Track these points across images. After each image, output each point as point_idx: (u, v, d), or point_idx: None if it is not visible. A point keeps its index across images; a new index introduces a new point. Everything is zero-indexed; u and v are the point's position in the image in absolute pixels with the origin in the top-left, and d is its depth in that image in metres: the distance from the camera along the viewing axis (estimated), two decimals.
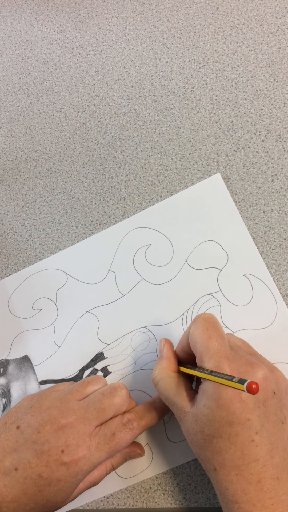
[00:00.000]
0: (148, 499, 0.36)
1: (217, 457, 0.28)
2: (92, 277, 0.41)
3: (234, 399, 0.27)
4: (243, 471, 0.27)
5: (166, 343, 0.35)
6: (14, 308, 0.42)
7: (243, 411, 0.27)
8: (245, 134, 0.42)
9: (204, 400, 0.28)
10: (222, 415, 0.27)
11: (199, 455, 0.29)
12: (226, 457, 0.27)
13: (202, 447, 0.28)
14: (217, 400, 0.27)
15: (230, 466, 0.27)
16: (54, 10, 0.49)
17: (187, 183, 0.42)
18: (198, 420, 0.28)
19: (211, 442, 0.28)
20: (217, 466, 0.28)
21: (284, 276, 0.38)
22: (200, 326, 0.30)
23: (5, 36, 0.50)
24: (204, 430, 0.28)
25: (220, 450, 0.27)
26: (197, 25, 0.45)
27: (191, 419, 0.29)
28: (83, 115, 0.46)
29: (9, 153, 0.47)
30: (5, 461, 0.30)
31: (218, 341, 0.29)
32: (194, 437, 0.29)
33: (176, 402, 0.30)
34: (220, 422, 0.27)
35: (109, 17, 0.47)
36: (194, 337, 0.30)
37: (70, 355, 0.40)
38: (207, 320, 0.31)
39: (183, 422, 0.30)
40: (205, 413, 0.28)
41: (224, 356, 0.29)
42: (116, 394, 0.32)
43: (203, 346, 0.29)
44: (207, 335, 0.29)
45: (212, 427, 0.28)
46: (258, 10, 0.44)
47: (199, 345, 0.29)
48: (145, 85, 0.45)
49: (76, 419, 0.31)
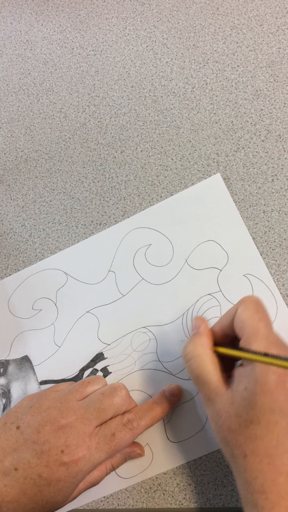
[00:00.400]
0: (148, 499, 0.36)
1: (250, 443, 0.27)
2: (92, 277, 0.41)
3: (280, 387, 0.26)
4: (276, 460, 0.26)
5: (203, 321, 0.33)
6: (14, 308, 0.42)
7: (286, 400, 0.26)
8: (245, 134, 0.42)
9: (246, 383, 0.27)
10: (265, 400, 0.26)
11: (229, 440, 0.28)
12: (260, 444, 0.26)
13: (235, 431, 0.27)
14: (263, 385, 0.27)
15: (263, 454, 0.26)
16: (54, 10, 0.49)
17: (187, 183, 0.42)
18: (235, 402, 0.27)
19: (248, 427, 0.27)
20: (249, 453, 0.27)
21: (284, 276, 0.38)
22: (251, 307, 0.29)
23: (5, 36, 0.50)
24: (242, 414, 0.27)
25: (256, 437, 0.27)
26: (197, 25, 0.45)
27: (225, 401, 0.28)
28: (83, 115, 0.46)
29: (9, 153, 0.47)
30: (5, 461, 0.30)
31: (268, 325, 0.29)
32: (227, 421, 0.28)
33: (210, 381, 0.29)
34: (261, 408, 0.26)
35: (109, 17, 0.47)
36: (243, 317, 0.29)
37: (70, 355, 0.40)
38: (257, 303, 0.30)
39: (214, 404, 0.29)
40: (246, 397, 0.27)
41: (273, 341, 0.28)
42: (116, 394, 0.32)
43: (253, 328, 0.28)
44: (258, 318, 0.29)
45: (251, 411, 0.27)
46: (258, 10, 0.44)
47: (247, 326, 0.28)
48: (145, 85, 0.45)
49: (76, 419, 0.31)
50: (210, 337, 0.32)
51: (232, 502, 0.35)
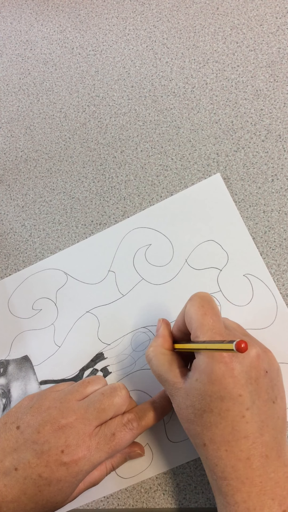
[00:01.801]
0: (148, 499, 0.36)
1: (207, 431, 0.28)
2: (92, 277, 0.41)
3: (227, 374, 0.27)
4: (233, 447, 0.27)
5: (163, 323, 0.35)
6: (14, 308, 0.42)
7: (234, 387, 0.27)
8: (245, 134, 0.42)
9: (197, 375, 0.28)
10: (214, 389, 0.27)
11: (189, 430, 0.29)
12: (216, 432, 0.27)
13: (193, 421, 0.28)
14: (210, 374, 0.27)
15: (220, 442, 0.27)
16: (54, 10, 0.49)
17: (187, 183, 0.42)
18: (190, 394, 0.28)
19: (202, 416, 0.28)
20: (207, 441, 0.28)
21: (284, 276, 0.38)
22: (196, 303, 0.30)
23: (5, 36, 0.50)
24: (195, 404, 0.28)
25: (210, 425, 0.27)
26: (197, 25, 0.45)
27: (182, 394, 0.29)
28: (83, 115, 0.46)
29: (9, 153, 0.47)
30: (5, 461, 0.30)
31: (213, 318, 0.29)
32: (185, 412, 0.29)
33: (168, 379, 0.31)
34: (211, 397, 0.27)
35: (109, 17, 0.47)
36: (190, 313, 0.30)
37: (70, 355, 0.40)
38: (202, 297, 0.31)
39: (175, 398, 0.30)
40: (197, 387, 0.28)
41: (218, 332, 0.29)
42: (116, 394, 0.32)
43: (198, 322, 0.29)
44: (202, 312, 0.30)
45: (203, 401, 0.28)
46: (258, 10, 0.44)
47: (194, 321, 0.30)
48: (145, 85, 0.45)
49: (76, 419, 0.31)
50: (167, 337, 0.34)
51: None
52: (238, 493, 0.26)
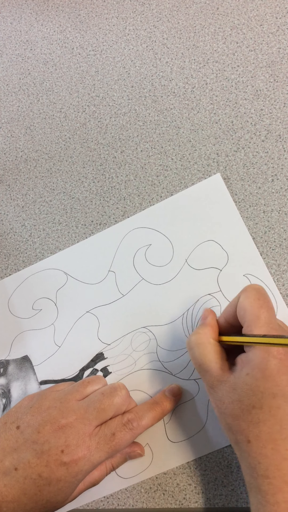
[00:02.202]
0: (148, 499, 0.36)
1: (253, 428, 0.27)
2: (92, 277, 0.41)
3: (281, 371, 0.26)
4: (279, 445, 0.26)
5: (211, 312, 0.34)
6: (14, 308, 0.42)
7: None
8: (245, 134, 0.42)
9: (248, 369, 0.27)
10: (266, 385, 0.26)
11: (232, 426, 0.28)
12: (264, 429, 0.26)
13: (238, 417, 0.27)
14: (264, 370, 0.27)
15: (266, 439, 0.26)
16: (54, 10, 0.49)
17: (187, 183, 0.42)
18: (238, 388, 0.27)
19: (250, 412, 0.27)
20: (252, 438, 0.27)
21: (284, 276, 0.38)
22: (252, 295, 0.29)
23: (5, 36, 0.50)
24: (244, 399, 0.27)
25: (258, 422, 0.27)
26: (197, 25, 0.45)
27: (228, 388, 0.28)
28: (83, 115, 0.46)
29: (9, 153, 0.47)
30: (5, 461, 0.30)
31: (269, 312, 0.29)
32: (230, 406, 0.28)
33: (211, 369, 0.30)
34: (263, 393, 0.26)
35: (109, 17, 0.47)
36: (244, 305, 0.29)
37: (70, 355, 0.40)
38: (258, 290, 0.30)
39: (217, 391, 0.29)
40: (248, 382, 0.27)
41: (274, 327, 0.28)
42: (116, 394, 0.32)
43: (254, 314, 0.28)
44: (258, 304, 0.29)
45: (253, 397, 0.27)
46: (258, 10, 0.44)
47: (248, 314, 0.29)
48: (145, 85, 0.45)
49: (76, 419, 0.31)
50: (215, 327, 0.33)
51: (232, 502, 0.35)
52: (280, 493, 0.25)
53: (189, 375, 0.37)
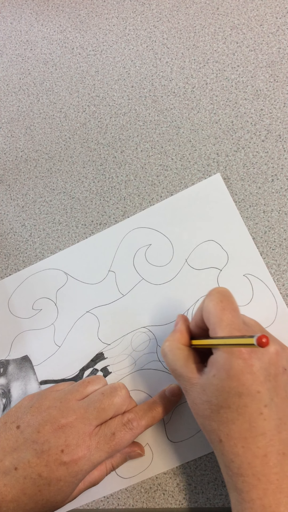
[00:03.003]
0: (148, 499, 0.36)
1: (223, 428, 0.27)
2: (92, 277, 0.42)
3: (245, 370, 0.27)
4: (250, 443, 0.27)
5: (181, 318, 0.35)
6: (14, 308, 0.42)
7: (253, 383, 0.27)
8: (245, 134, 0.42)
9: (214, 371, 0.28)
10: (232, 385, 0.27)
11: (205, 426, 0.29)
12: (233, 428, 0.27)
13: (209, 417, 0.28)
14: (228, 370, 0.27)
15: (237, 438, 0.27)
16: (54, 10, 0.49)
17: (187, 183, 0.42)
18: (207, 390, 0.28)
19: (219, 412, 0.27)
20: (223, 438, 0.27)
21: (284, 276, 0.38)
22: (215, 298, 0.30)
23: (5, 36, 0.50)
24: (212, 400, 0.28)
25: (227, 421, 0.27)
26: (197, 25, 0.45)
27: (198, 389, 0.29)
28: (83, 115, 0.46)
29: (9, 153, 0.47)
30: (5, 460, 0.30)
31: (231, 313, 0.29)
32: (201, 407, 0.29)
33: (183, 373, 0.30)
34: (229, 393, 0.27)
35: (109, 17, 0.47)
36: (208, 308, 0.30)
37: (70, 355, 0.40)
38: (221, 293, 0.30)
39: (190, 393, 0.30)
40: (215, 383, 0.28)
41: (237, 328, 0.28)
42: (116, 394, 0.32)
43: (217, 317, 0.29)
44: (221, 307, 0.29)
45: (220, 397, 0.27)
46: (258, 10, 0.44)
47: (212, 317, 0.29)
48: (145, 85, 0.45)
49: (76, 419, 0.31)
50: (184, 333, 0.33)
51: None
52: (254, 490, 0.26)
53: None
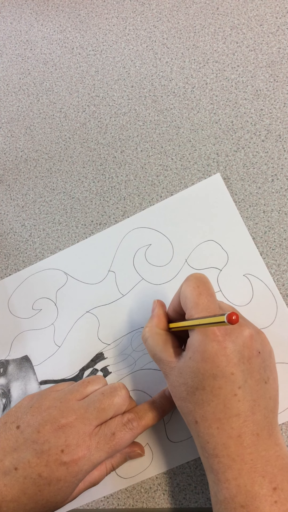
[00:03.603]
0: (148, 499, 0.36)
1: (199, 409, 0.28)
2: (92, 277, 0.42)
3: (220, 353, 0.27)
4: (224, 424, 0.27)
5: (158, 303, 0.35)
6: (14, 308, 0.42)
7: (227, 365, 0.27)
8: (245, 134, 0.42)
9: (190, 353, 0.29)
10: (206, 367, 0.27)
11: (182, 408, 0.30)
12: (208, 410, 0.28)
13: (185, 399, 0.29)
14: (203, 352, 0.28)
15: (211, 419, 0.27)
16: (54, 10, 0.49)
17: (187, 183, 0.42)
18: (183, 372, 0.29)
19: (194, 394, 0.28)
20: (199, 419, 0.28)
21: (284, 276, 0.38)
22: (192, 283, 0.30)
23: (5, 36, 0.50)
24: (188, 382, 0.28)
25: (202, 402, 0.28)
26: (197, 25, 0.45)
27: (176, 372, 0.29)
28: (83, 115, 0.46)
29: (9, 153, 0.47)
30: (5, 460, 0.30)
31: (207, 298, 0.29)
32: (178, 389, 0.29)
33: (162, 358, 0.31)
34: (204, 375, 0.27)
35: (109, 17, 0.47)
36: (185, 293, 0.30)
37: (70, 355, 0.40)
38: (198, 278, 0.31)
39: (169, 377, 0.30)
40: (190, 365, 0.28)
41: (213, 312, 0.29)
42: (116, 394, 0.32)
43: (193, 301, 0.29)
44: (198, 292, 0.30)
45: (195, 379, 0.28)
46: (258, 10, 0.44)
47: (189, 301, 0.30)
48: (145, 85, 0.45)
49: (76, 418, 0.31)
50: (161, 317, 0.34)
51: None
52: (229, 470, 0.27)
53: None
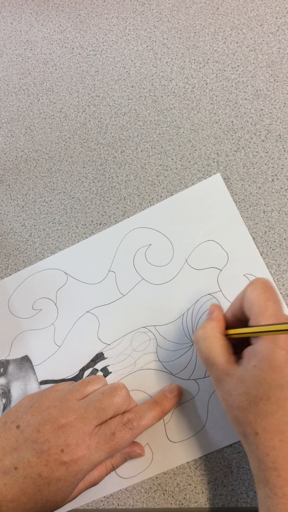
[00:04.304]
0: (148, 499, 0.36)
1: (261, 420, 0.27)
2: (92, 277, 0.42)
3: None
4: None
5: (217, 307, 0.34)
6: (14, 308, 0.42)
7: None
8: (245, 134, 0.42)
9: (255, 361, 0.27)
10: (274, 377, 0.26)
11: (239, 418, 0.28)
12: (272, 421, 0.26)
13: (245, 409, 0.27)
14: (271, 361, 0.26)
15: (274, 431, 0.26)
16: (54, 10, 0.49)
17: (187, 183, 0.42)
18: (245, 381, 0.27)
19: (257, 404, 0.27)
20: (260, 430, 0.27)
21: (284, 276, 0.38)
22: (258, 288, 0.29)
23: (5, 36, 0.50)
24: (251, 391, 0.27)
25: (266, 414, 0.26)
26: (197, 25, 0.45)
27: (235, 380, 0.28)
28: (83, 115, 0.46)
29: (9, 153, 0.47)
30: (5, 460, 0.30)
31: (275, 304, 0.29)
32: (237, 398, 0.28)
33: (218, 362, 0.29)
34: (270, 384, 0.26)
35: (109, 17, 0.47)
36: (251, 298, 0.29)
37: (70, 355, 0.40)
38: (265, 283, 0.30)
39: (224, 384, 0.29)
40: (255, 374, 0.27)
41: (282, 320, 0.28)
42: (116, 394, 0.32)
43: (260, 307, 0.28)
44: (265, 297, 0.29)
45: (261, 388, 0.27)
46: (258, 10, 0.44)
47: (255, 306, 0.29)
48: (145, 85, 0.45)
49: (76, 418, 0.31)
50: (221, 322, 0.33)
51: (232, 502, 0.35)
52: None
53: (189, 375, 0.37)
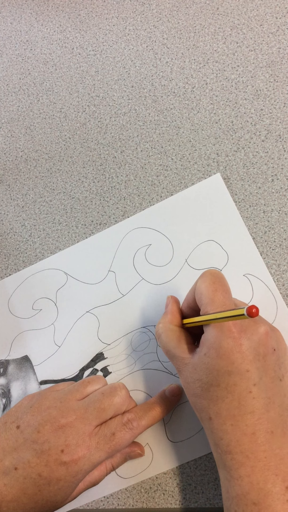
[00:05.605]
0: (148, 499, 0.36)
1: (213, 406, 0.28)
2: (92, 277, 0.42)
3: (235, 349, 0.27)
4: (239, 421, 0.27)
5: (171, 299, 0.35)
6: (14, 308, 0.42)
7: (242, 362, 0.27)
8: (245, 134, 0.42)
9: (205, 350, 0.28)
10: (221, 364, 0.27)
11: (195, 404, 0.29)
12: (222, 406, 0.27)
13: (199, 395, 0.29)
14: (218, 349, 0.27)
15: (225, 416, 0.27)
16: (54, 10, 0.49)
17: (187, 183, 0.42)
18: (197, 368, 0.29)
19: (209, 390, 0.28)
20: (213, 415, 0.28)
21: (284, 276, 0.38)
22: (207, 279, 0.30)
23: (5, 36, 0.50)
24: (202, 378, 0.28)
25: (217, 399, 0.28)
26: (197, 25, 0.45)
27: (190, 369, 0.29)
28: (83, 115, 0.46)
29: (9, 153, 0.47)
30: (5, 460, 0.30)
31: (223, 294, 0.29)
32: (192, 386, 0.29)
33: (176, 354, 0.31)
34: (219, 371, 0.27)
35: (109, 17, 0.47)
36: (200, 289, 0.30)
37: (70, 355, 0.40)
38: (214, 274, 0.31)
39: (182, 373, 0.30)
40: (205, 361, 0.28)
41: (228, 308, 0.29)
42: (116, 394, 0.32)
43: (209, 298, 0.29)
44: (213, 288, 0.30)
45: (210, 375, 0.28)
46: (258, 10, 0.44)
47: (204, 297, 0.30)
48: (145, 85, 0.45)
49: (76, 418, 0.31)
50: (175, 314, 0.34)
51: None
52: (242, 467, 0.26)
53: None
